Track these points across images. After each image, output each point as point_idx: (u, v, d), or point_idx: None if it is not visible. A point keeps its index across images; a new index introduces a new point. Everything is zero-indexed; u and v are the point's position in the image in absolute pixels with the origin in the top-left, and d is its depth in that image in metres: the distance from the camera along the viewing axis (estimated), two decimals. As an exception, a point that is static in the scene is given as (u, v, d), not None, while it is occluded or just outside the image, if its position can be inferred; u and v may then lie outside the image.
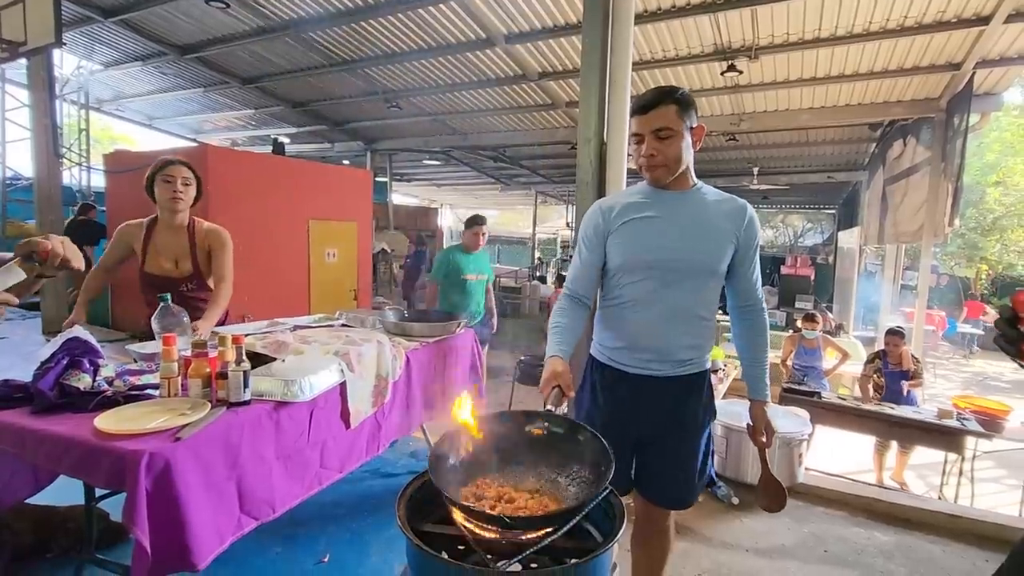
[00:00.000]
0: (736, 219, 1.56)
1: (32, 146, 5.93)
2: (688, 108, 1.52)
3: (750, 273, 1.62)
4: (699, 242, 1.54)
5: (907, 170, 7.12)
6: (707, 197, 1.60)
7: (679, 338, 1.57)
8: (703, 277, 1.56)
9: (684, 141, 1.52)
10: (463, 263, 4.36)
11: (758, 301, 1.65)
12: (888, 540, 2.50)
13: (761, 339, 1.67)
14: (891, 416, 4.22)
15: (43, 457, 1.49)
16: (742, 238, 1.56)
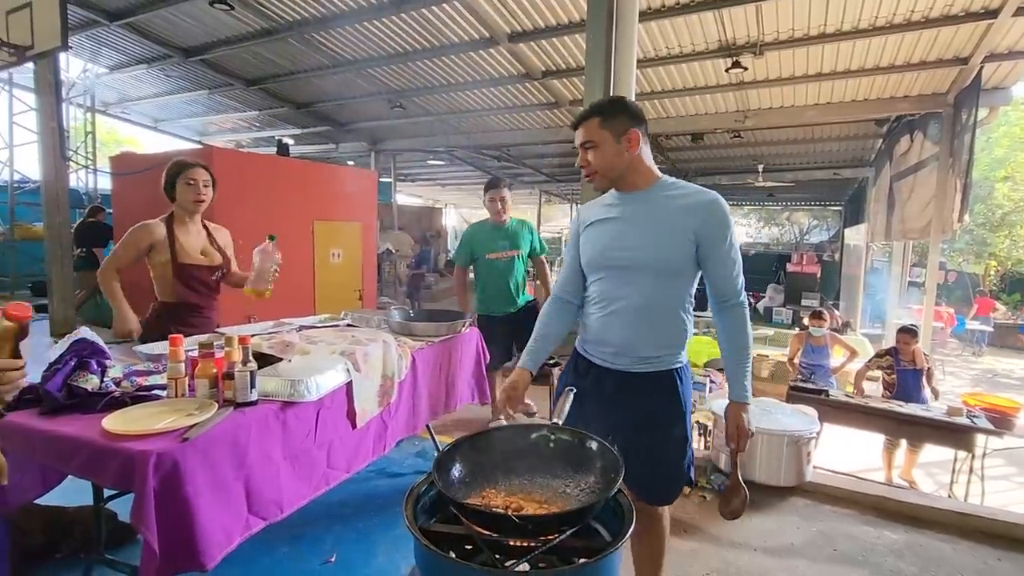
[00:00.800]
0: (696, 213, 1.55)
1: (39, 149, 5.98)
2: (612, 117, 1.59)
3: (719, 268, 1.58)
4: (654, 240, 1.57)
5: (914, 166, 7.06)
6: (669, 194, 1.61)
7: (641, 335, 1.60)
8: (662, 275, 1.58)
9: (611, 148, 1.59)
10: (483, 239, 3.58)
11: (733, 297, 1.61)
12: (898, 539, 2.48)
13: (739, 337, 1.63)
14: (900, 414, 4.18)
15: (52, 458, 1.50)
16: (702, 232, 1.54)
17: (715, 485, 2.86)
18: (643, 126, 1.63)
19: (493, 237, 3.55)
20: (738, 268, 1.61)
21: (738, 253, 1.61)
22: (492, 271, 3.57)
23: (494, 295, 3.59)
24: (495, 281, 3.58)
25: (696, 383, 4.45)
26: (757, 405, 3.25)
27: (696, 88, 7.08)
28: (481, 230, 3.62)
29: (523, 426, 1.36)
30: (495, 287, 3.59)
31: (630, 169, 1.61)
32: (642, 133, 1.61)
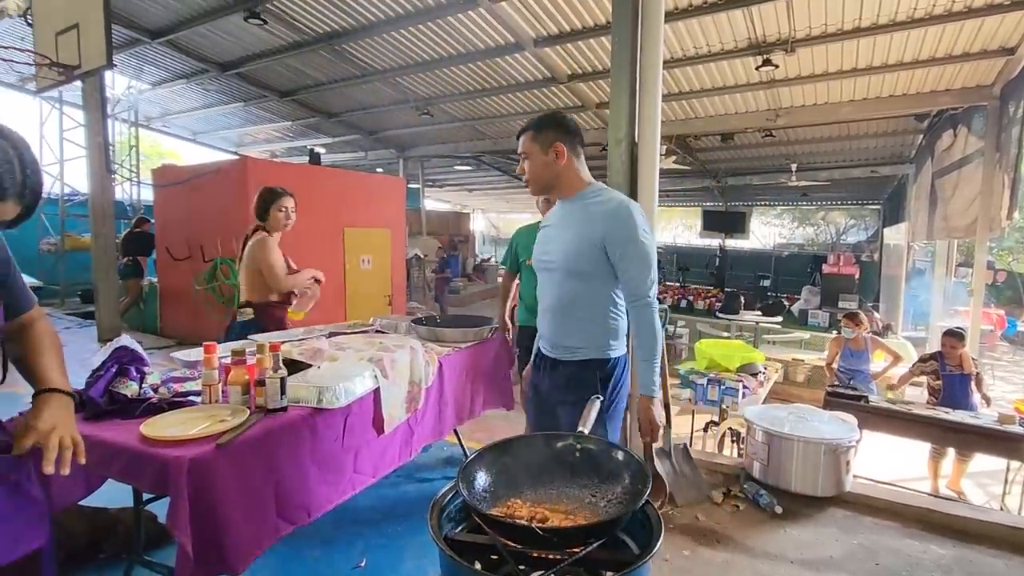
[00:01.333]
0: (604, 219, 1.70)
1: (87, 163, 6.27)
2: (542, 130, 1.77)
3: (627, 269, 1.71)
4: (567, 245, 1.76)
5: (958, 162, 6.76)
6: (587, 202, 1.77)
7: (564, 329, 1.82)
8: (574, 276, 1.76)
9: (541, 159, 1.77)
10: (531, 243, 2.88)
11: (641, 298, 1.72)
12: (945, 553, 2.36)
13: (646, 335, 1.74)
14: (946, 421, 3.99)
15: (94, 462, 1.55)
16: (608, 237, 1.69)
17: (749, 494, 2.78)
18: (571, 139, 1.78)
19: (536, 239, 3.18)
20: (646, 270, 1.72)
21: (647, 256, 1.72)
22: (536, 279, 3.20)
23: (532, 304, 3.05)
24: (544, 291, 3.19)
25: (728, 388, 4.34)
26: (793, 412, 3.15)
27: (725, 87, 6.95)
28: (529, 233, 3.09)
29: (548, 435, 1.35)
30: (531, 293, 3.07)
31: (558, 179, 1.79)
32: (569, 146, 1.77)
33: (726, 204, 16.57)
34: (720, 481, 2.97)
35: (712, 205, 17.01)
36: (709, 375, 4.53)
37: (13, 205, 1.05)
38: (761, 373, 4.92)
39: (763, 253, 19.96)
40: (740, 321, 9.63)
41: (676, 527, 2.52)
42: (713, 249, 18.28)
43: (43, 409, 1.11)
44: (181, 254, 6.38)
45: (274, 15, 6.49)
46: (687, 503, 2.70)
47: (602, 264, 1.72)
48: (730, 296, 10.83)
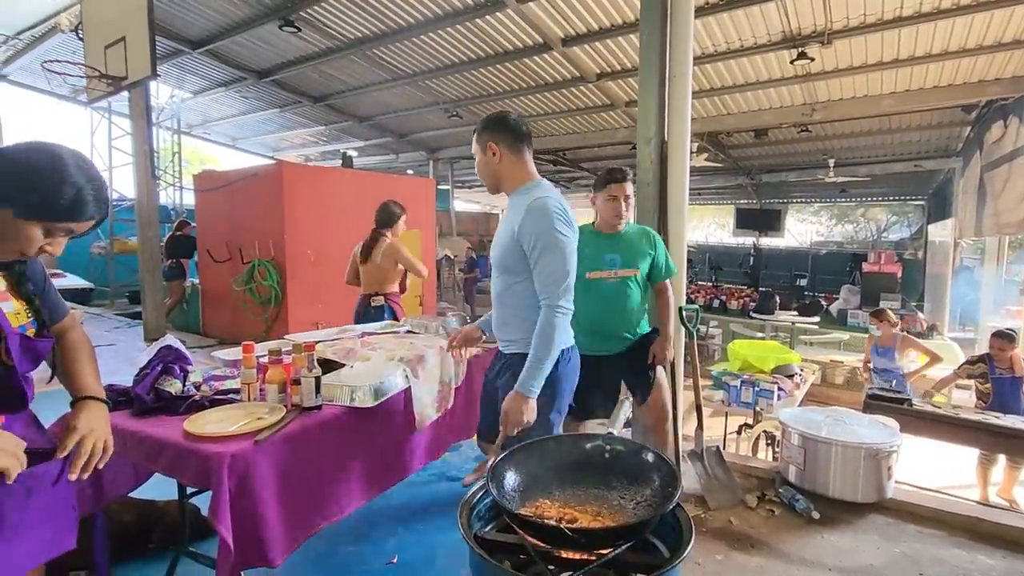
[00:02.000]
0: (523, 216, 1.72)
1: (134, 170, 6.55)
2: (481, 132, 1.86)
3: (536, 269, 1.72)
4: (499, 239, 1.86)
5: (1009, 154, 6.42)
6: (522, 198, 1.78)
7: (502, 320, 1.94)
8: (503, 272, 1.85)
9: (481, 158, 1.87)
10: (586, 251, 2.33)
11: (547, 299, 1.71)
12: (995, 564, 2.25)
13: (539, 338, 1.70)
14: (996, 426, 3.81)
15: (141, 457, 1.63)
16: (520, 234, 1.72)
17: (784, 499, 2.71)
18: (508, 137, 1.81)
19: (599, 249, 2.49)
20: (551, 273, 1.69)
21: (555, 259, 1.69)
22: (594, 296, 2.48)
23: (596, 329, 2.48)
24: (598, 310, 2.49)
25: (762, 390, 4.24)
26: (831, 415, 3.06)
27: (758, 82, 6.79)
28: (587, 239, 2.34)
29: (577, 436, 1.35)
30: (598, 318, 2.49)
31: (501, 176, 1.86)
32: (506, 144, 1.81)
33: (760, 202, 16.17)
34: (754, 485, 2.91)
35: (745, 203, 16.62)
36: (743, 376, 4.44)
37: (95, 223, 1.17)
38: (797, 375, 4.79)
39: (799, 251, 19.38)
40: (775, 321, 9.39)
41: (708, 531, 2.48)
42: (747, 248, 17.87)
43: (82, 413, 1.19)
44: (221, 256, 6.60)
45: (308, 23, 6.66)
46: (720, 506, 2.66)
47: (523, 260, 1.75)
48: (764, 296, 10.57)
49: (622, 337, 2.58)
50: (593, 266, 2.49)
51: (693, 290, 11.72)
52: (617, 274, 2.52)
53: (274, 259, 6.00)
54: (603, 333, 2.54)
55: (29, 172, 1.06)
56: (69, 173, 1.08)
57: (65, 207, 1.08)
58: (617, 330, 2.57)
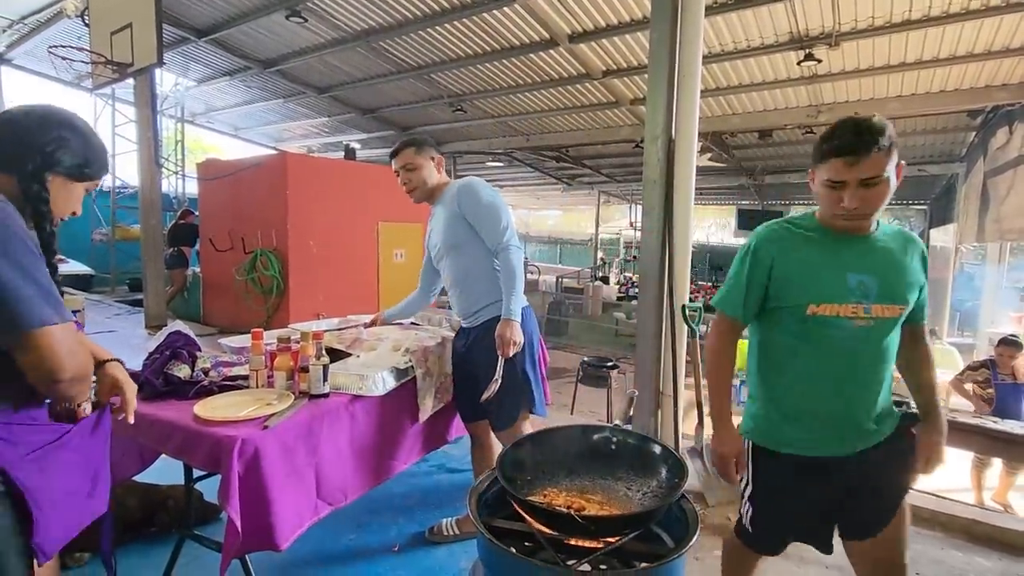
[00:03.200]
0: (457, 197, 2.12)
1: (137, 158, 6.54)
2: (423, 147, 2.21)
3: (481, 227, 2.09)
4: (441, 226, 2.19)
5: (1014, 160, 6.44)
6: (446, 196, 2.20)
7: (466, 297, 2.20)
8: (453, 250, 2.17)
9: (430, 167, 2.22)
10: (811, 265, 1.38)
11: (499, 244, 2.07)
12: (992, 567, 2.28)
13: (505, 274, 2.06)
14: (993, 431, 3.84)
15: (152, 439, 1.65)
16: (463, 207, 2.10)
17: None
18: (438, 150, 2.27)
19: (838, 265, 1.37)
20: (497, 222, 2.07)
21: (496, 211, 2.08)
22: (822, 348, 1.37)
23: (818, 409, 1.40)
24: (827, 373, 1.39)
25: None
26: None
27: (765, 83, 6.78)
28: (802, 242, 1.41)
29: (585, 426, 1.37)
30: (825, 390, 1.39)
31: (437, 186, 2.25)
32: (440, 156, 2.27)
33: (762, 203, 16.17)
34: (753, 483, 2.92)
35: (747, 204, 16.62)
36: (743, 376, 4.46)
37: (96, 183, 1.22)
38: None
39: (800, 253, 19.39)
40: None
41: (707, 527, 2.50)
42: (748, 248, 17.86)
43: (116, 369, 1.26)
44: (223, 245, 6.60)
45: (314, 13, 6.64)
46: (719, 503, 2.68)
47: (468, 231, 2.10)
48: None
49: (863, 429, 1.42)
50: (826, 291, 1.34)
51: (694, 290, 11.73)
52: (871, 312, 1.34)
53: (276, 249, 6.00)
54: (832, 418, 1.40)
55: (87, 135, 1.15)
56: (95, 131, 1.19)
57: (104, 164, 1.19)
58: (857, 415, 1.41)
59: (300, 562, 2.12)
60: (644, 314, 2.90)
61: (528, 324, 2.16)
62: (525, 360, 2.14)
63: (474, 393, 2.11)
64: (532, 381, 2.18)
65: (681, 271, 2.84)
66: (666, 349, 2.87)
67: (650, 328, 2.86)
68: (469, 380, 2.22)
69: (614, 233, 22.21)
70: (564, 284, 15.49)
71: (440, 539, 2.29)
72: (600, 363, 5.35)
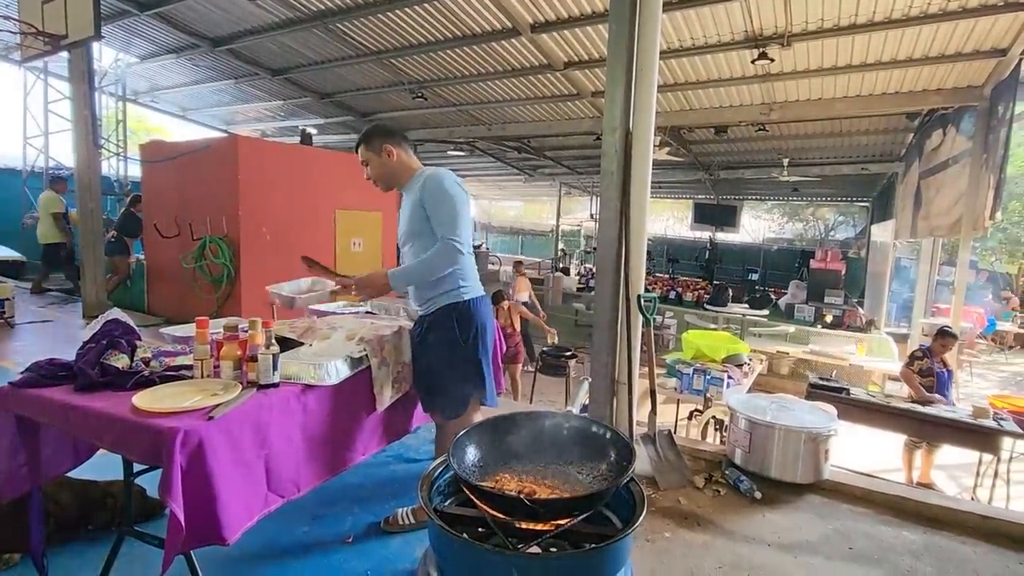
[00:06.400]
0: (421, 187, 2.09)
1: (73, 137, 6.14)
2: (371, 139, 2.18)
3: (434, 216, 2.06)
4: (405, 215, 2.17)
5: (944, 162, 6.85)
6: (414, 184, 2.15)
7: (417, 286, 2.17)
8: (412, 237, 2.13)
9: (379, 160, 2.18)
10: None
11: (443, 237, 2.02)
12: (917, 539, 2.44)
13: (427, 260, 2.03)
14: (924, 415, 4.11)
15: (86, 432, 1.56)
16: (424, 198, 2.07)
17: (730, 480, 2.85)
18: (395, 139, 2.18)
19: None
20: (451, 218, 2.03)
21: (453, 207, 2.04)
22: None
23: None
24: None
25: (713, 378, 4.41)
26: (776, 402, 3.22)
27: (720, 80, 6.96)
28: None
29: (537, 412, 1.38)
30: None
31: (396, 173, 2.20)
32: (395, 144, 2.18)
33: (718, 197, 16.65)
34: (703, 467, 3.03)
35: (704, 198, 17.09)
36: (695, 365, 4.61)
37: None
38: (746, 364, 5.01)
39: (752, 247, 20.14)
40: (727, 313, 9.75)
41: (658, 510, 2.58)
42: (703, 242, 18.41)
43: None
44: (169, 231, 6.30)
45: (268, -9, 6.38)
46: (669, 487, 2.76)
47: (426, 221, 2.08)
48: (718, 289, 10.94)
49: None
50: None
51: (651, 281, 12.00)
52: None
53: (227, 236, 5.78)
54: None
55: None
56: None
57: None
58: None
59: (250, 556, 2.07)
60: (601, 303, 2.94)
61: (481, 313, 2.18)
62: (478, 349, 2.16)
63: (429, 381, 2.16)
64: (484, 372, 2.19)
65: (637, 261, 2.89)
66: (622, 338, 2.93)
67: (606, 317, 2.90)
68: (423, 368, 2.25)
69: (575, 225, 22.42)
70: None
71: (396, 529, 2.28)
72: (559, 353, 5.41)
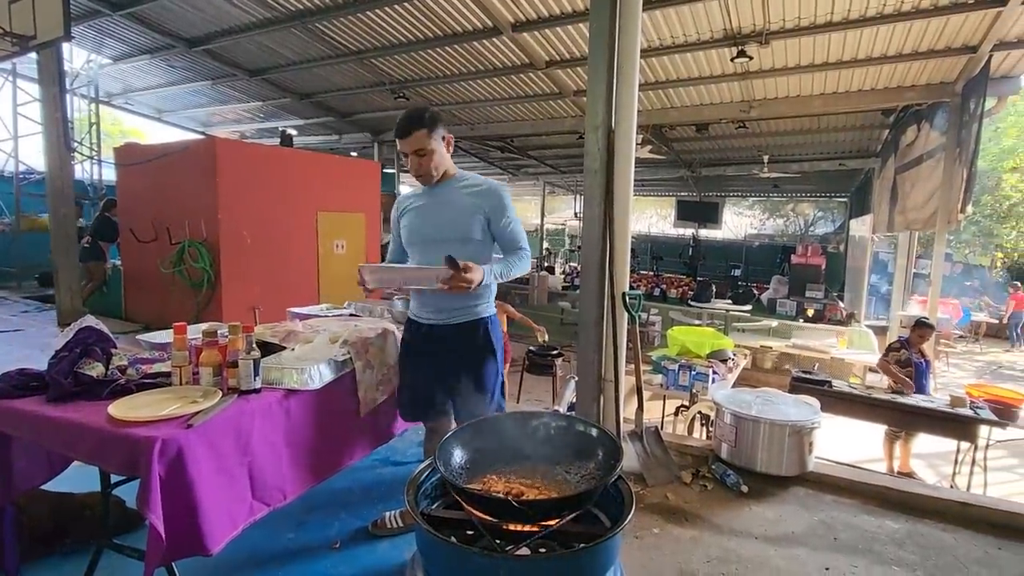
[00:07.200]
0: (486, 196, 2.00)
1: (44, 140, 5.98)
2: (435, 125, 1.93)
3: (508, 230, 2.02)
4: (452, 216, 2.00)
5: (919, 157, 7.00)
6: (462, 184, 2.05)
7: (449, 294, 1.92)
8: (456, 244, 1.96)
9: (441, 150, 1.98)
10: None
11: (524, 248, 2.04)
12: (899, 528, 2.48)
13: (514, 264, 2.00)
14: (903, 405, 4.19)
15: (59, 444, 1.52)
16: (490, 210, 1.99)
17: (717, 474, 2.87)
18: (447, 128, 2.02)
19: None
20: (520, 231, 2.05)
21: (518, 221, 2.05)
22: None
23: None
24: None
25: (698, 374, 4.45)
26: (760, 396, 3.25)
27: (701, 78, 7.02)
28: None
29: (523, 413, 1.37)
30: None
31: (447, 165, 2.05)
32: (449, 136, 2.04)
33: (700, 194, 16.81)
34: (690, 463, 3.05)
35: (686, 195, 17.24)
36: (681, 361, 4.64)
37: None
38: (730, 359, 5.06)
39: (735, 243, 20.37)
40: (711, 309, 9.85)
41: (647, 506, 2.58)
42: (687, 239, 18.57)
43: None
44: (146, 236, 6.17)
45: (244, -10, 6.28)
46: (657, 483, 2.77)
47: (485, 230, 2.02)
48: (702, 285, 11.05)
49: None
50: None
51: (636, 279, 12.07)
52: None
53: (206, 240, 5.67)
54: None
55: None
56: None
57: None
58: None
59: (235, 565, 2.03)
60: (586, 302, 2.94)
61: (497, 330, 2.13)
62: (500, 366, 2.12)
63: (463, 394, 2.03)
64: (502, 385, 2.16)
65: (621, 259, 2.90)
66: (607, 336, 2.93)
67: (592, 315, 2.91)
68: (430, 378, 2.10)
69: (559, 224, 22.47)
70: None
71: (384, 532, 2.25)
72: (545, 352, 5.41)
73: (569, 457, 1.26)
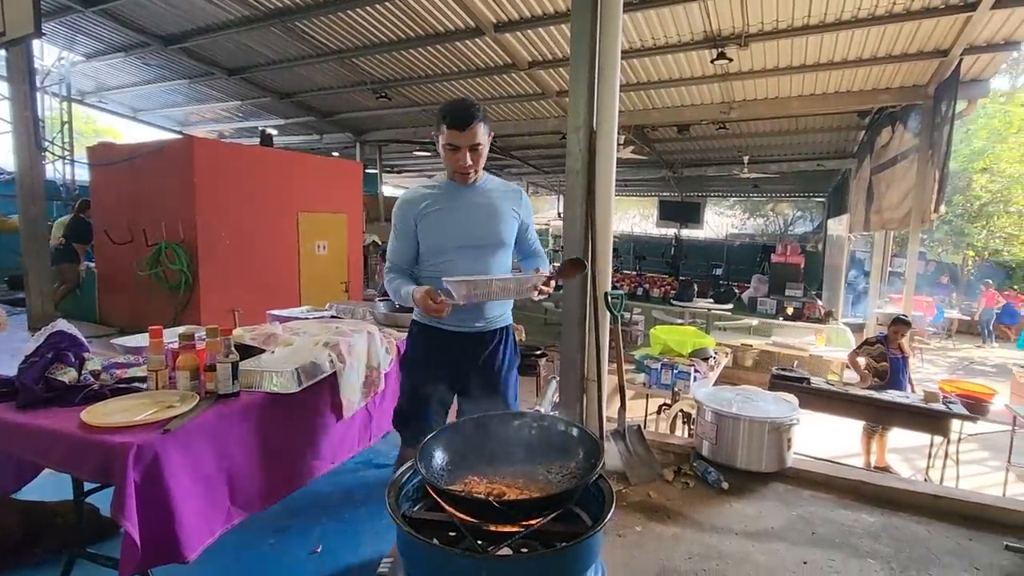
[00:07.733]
0: (516, 199, 1.97)
1: (13, 139, 5.82)
2: (486, 119, 1.82)
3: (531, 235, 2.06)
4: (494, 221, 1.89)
5: (893, 158, 7.16)
6: (487, 184, 1.95)
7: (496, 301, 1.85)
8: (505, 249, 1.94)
9: (486, 150, 1.86)
10: None
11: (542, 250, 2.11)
12: (875, 521, 2.54)
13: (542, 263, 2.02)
14: (879, 400, 4.27)
15: (30, 451, 1.48)
16: (523, 213, 1.99)
17: (698, 472, 2.90)
18: None
19: None
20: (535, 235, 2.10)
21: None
22: None
23: None
24: None
25: (680, 372, 4.49)
26: (740, 393, 3.30)
27: (682, 79, 7.10)
28: None
29: (504, 414, 1.37)
30: None
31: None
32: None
33: (682, 195, 16.99)
34: (671, 460, 3.08)
35: (668, 195, 17.42)
36: (663, 360, 4.68)
37: None
38: (712, 358, 5.11)
39: (716, 243, 20.61)
40: (693, 308, 9.95)
41: (629, 504, 2.60)
42: (669, 239, 18.76)
43: None
44: (122, 237, 6.04)
45: (222, -13, 6.18)
46: (640, 482, 2.80)
47: (521, 235, 2.02)
48: (684, 284, 11.15)
49: None
50: None
51: (619, 278, 12.14)
52: None
53: (184, 241, 5.57)
54: None
55: None
56: None
57: None
58: None
59: (213, 573, 2.00)
60: (569, 302, 2.95)
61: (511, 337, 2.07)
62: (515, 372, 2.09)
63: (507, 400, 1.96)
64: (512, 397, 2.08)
65: (603, 259, 2.92)
66: (590, 335, 2.95)
67: (574, 315, 2.92)
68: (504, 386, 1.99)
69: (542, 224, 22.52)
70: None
71: None
72: (528, 351, 5.41)
73: (551, 457, 1.26)
